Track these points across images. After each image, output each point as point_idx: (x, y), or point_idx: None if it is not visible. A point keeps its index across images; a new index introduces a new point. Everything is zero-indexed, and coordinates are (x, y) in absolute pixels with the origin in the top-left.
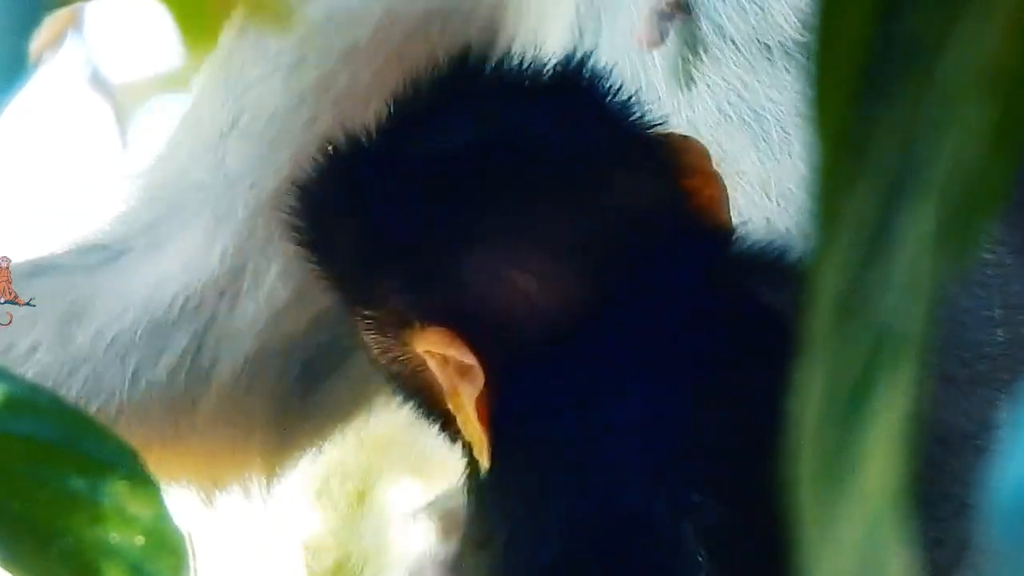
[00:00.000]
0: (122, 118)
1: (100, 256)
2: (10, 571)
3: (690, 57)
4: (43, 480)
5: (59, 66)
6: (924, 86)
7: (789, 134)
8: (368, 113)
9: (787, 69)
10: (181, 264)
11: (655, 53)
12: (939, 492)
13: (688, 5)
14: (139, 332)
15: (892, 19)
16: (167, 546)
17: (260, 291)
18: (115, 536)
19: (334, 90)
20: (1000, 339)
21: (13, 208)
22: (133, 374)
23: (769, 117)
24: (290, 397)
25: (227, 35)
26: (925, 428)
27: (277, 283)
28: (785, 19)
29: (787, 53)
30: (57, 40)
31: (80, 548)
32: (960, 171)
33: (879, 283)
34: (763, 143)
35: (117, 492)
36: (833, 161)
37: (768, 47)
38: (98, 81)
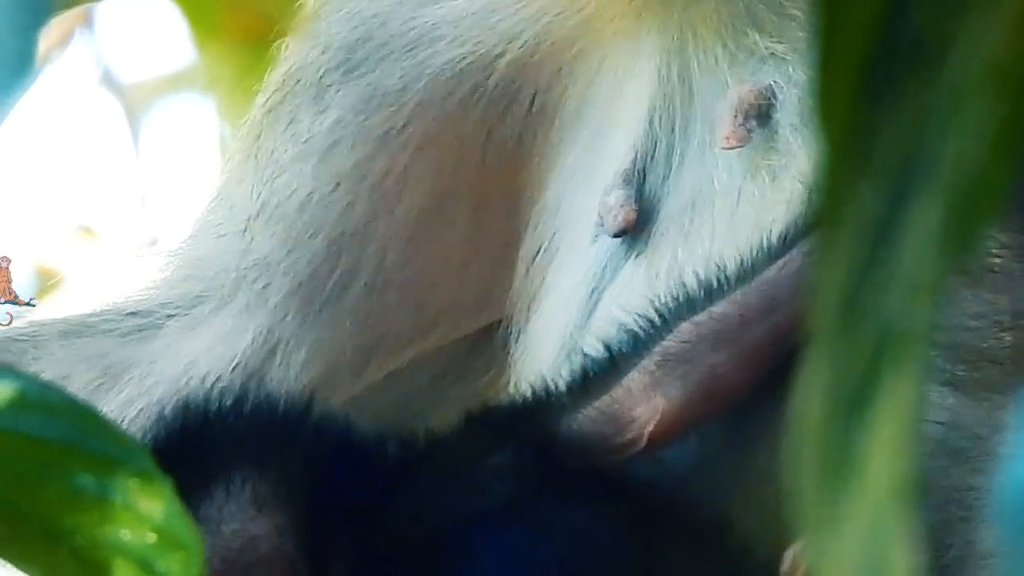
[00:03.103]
0: (133, 117)
1: (133, 323)
2: (21, 570)
3: (768, 154)
4: (53, 478)
5: (69, 65)
6: (929, 85)
7: None
8: (404, 199)
9: None
10: (212, 345)
11: (732, 153)
12: (946, 496)
13: (771, 100)
14: (167, 408)
15: (897, 18)
16: (178, 543)
17: (289, 373)
18: (126, 533)
19: (371, 176)
20: (1008, 344)
21: (23, 208)
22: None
23: None
24: None
25: (255, 115)
26: (933, 432)
27: (307, 365)
28: None
29: None
30: (66, 39)
31: (90, 546)
32: (965, 169)
33: (884, 281)
34: None
35: (127, 489)
36: (838, 159)
37: None
38: (108, 80)
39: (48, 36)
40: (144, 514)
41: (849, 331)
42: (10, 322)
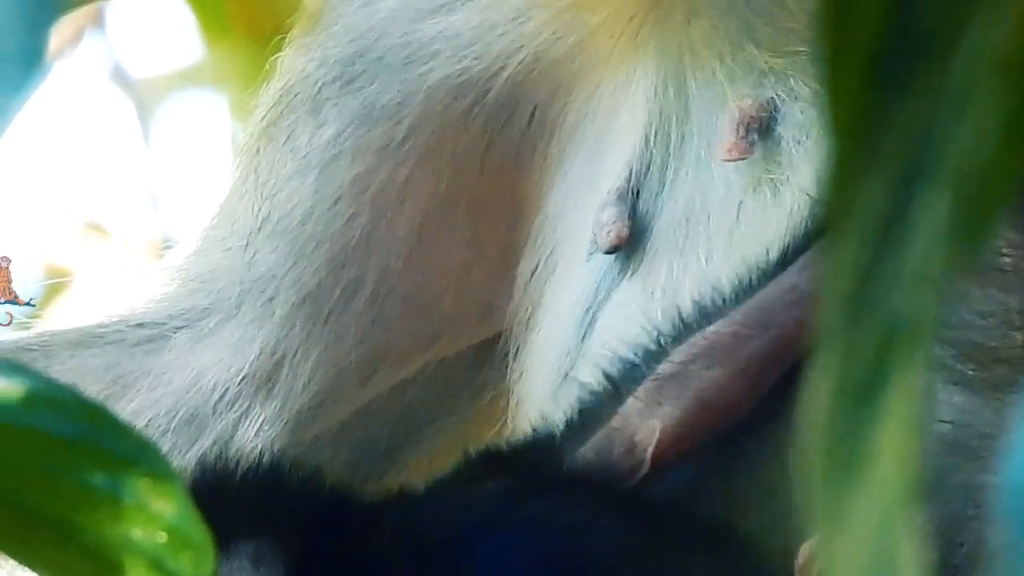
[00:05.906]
0: (143, 113)
1: (142, 335)
2: (31, 568)
3: (770, 168)
4: (64, 476)
5: (80, 62)
6: (938, 78)
7: None
8: (404, 211)
9: None
10: (220, 357)
11: (730, 168)
12: (957, 494)
13: (772, 113)
14: (175, 419)
15: (905, 11)
16: (190, 542)
17: (296, 384)
18: (137, 532)
19: (371, 188)
20: (1018, 343)
21: (33, 205)
22: None
23: None
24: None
25: (254, 130)
26: (943, 431)
27: (314, 376)
28: None
29: None
30: (77, 36)
31: (102, 545)
32: (974, 162)
33: (892, 274)
34: None
35: (139, 488)
36: (846, 153)
37: None
38: (119, 76)
39: (59, 33)
40: (156, 513)
41: (857, 325)
42: (10, 322)
